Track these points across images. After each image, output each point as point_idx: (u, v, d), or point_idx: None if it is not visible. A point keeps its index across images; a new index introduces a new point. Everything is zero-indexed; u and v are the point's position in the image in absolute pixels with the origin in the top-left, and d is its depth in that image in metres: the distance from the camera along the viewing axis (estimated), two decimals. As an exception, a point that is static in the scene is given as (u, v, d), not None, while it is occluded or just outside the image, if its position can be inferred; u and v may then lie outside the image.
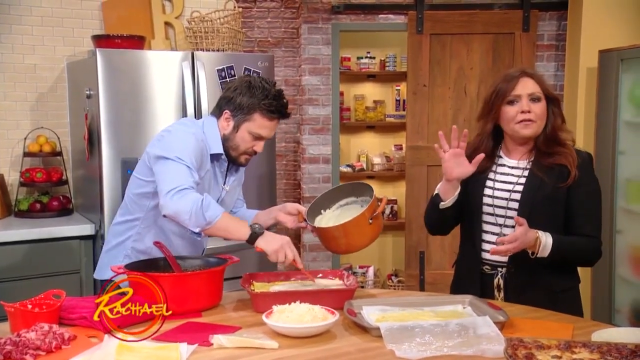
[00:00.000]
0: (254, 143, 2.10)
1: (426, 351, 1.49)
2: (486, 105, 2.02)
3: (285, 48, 4.30)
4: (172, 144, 2.01)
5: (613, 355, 1.30)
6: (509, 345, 1.34)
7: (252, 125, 2.07)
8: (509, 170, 2.03)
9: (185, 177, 1.94)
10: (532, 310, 1.85)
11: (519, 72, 1.98)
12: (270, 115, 2.07)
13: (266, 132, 2.09)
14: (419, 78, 4.14)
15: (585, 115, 3.77)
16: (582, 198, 1.95)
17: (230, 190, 2.23)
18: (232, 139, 2.10)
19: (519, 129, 1.95)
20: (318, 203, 2.15)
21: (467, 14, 4.10)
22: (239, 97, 2.07)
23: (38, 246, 3.00)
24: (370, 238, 2.01)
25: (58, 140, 3.44)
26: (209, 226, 1.92)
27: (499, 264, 2.00)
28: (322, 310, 1.68)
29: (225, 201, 2.22)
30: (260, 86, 2.06)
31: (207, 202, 1.91)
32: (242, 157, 2.13)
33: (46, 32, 3.46)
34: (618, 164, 3.43)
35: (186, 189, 1.91)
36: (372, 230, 1.99)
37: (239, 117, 2.07)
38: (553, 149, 1.97)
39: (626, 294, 3.39)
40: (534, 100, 1.95)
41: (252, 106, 2.05)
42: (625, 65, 3.38)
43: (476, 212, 2.02)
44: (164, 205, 1.92)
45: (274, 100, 2.05)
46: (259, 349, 1.54)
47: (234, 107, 2.08)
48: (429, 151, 4.16)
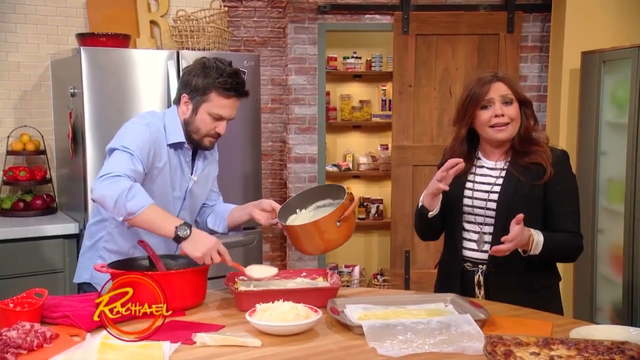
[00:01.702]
0: (215, 124, 2.06)
1: (408, 349, 1.51)
2: (460, 110, 2.04)
3: (271, 47, 4.31)
4: (122, 135, 2.00)
5: (589, 351, 1.32)
6: (488, 342, 1.36)
7: (209, 105, 2.03)
8: (487, 171, 2.06)
9: (124, 164, 1.89)
10: (513, 309, 1.88)
11: (491, 77, 2.00)
12: (227, 94, 2.02)
13: (226, 111, 2.05)
14: (405, 78, 4.16)
15: (568, 116, 3.81)
16: (559, 195, 1.98)
17: (199, 181, 2.19)
18: (192, 122, 2.06)
19: (493, 133, 1.99)
20: (292, 203, 2.13)
21: (452, 15, 4.13)
22: (194, 79, 2.03)
23: (21, 245, 2.98)
24: (338, 239, 1.98)
25: (42, 138, 3.42)
26: (131, 217, 1.85)
27: (479, 262, 2.03)
28: (305, 308, 1.69)
29: (194, 192, 2.19)
30: (215, 66, 2.03)
31: (134, 192, 1.84)
32: (205, 139, 2.09)
33: (30, 29, 3.44)
34: (600, 164, 3.47)
35: (119, 176, 1.85)
36: (340, 232, 1.95)
37: (197, 99, 2.04)
38: (528, 149, 2.00)
39: (607, 293, 3.44)
40: (506, 103, 1.98)
41: (208, 86, 2.02)
42: (607, 67, 3.42)
43: (457, 212, 2.05)
44: (93, 189, 1.88)
45: (228, 78, 2.02)
46: (242, 347, 1.55)
47: (190, 90, 2.05)
48: (414, 151, 4.19)
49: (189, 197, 2.18)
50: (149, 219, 1.86)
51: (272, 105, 4.38)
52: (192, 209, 2.23)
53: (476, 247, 2.04)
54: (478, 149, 2.10)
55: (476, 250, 2.04)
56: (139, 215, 1.85)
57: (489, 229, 2.01)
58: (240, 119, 3.32)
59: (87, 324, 1.63)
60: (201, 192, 2.23)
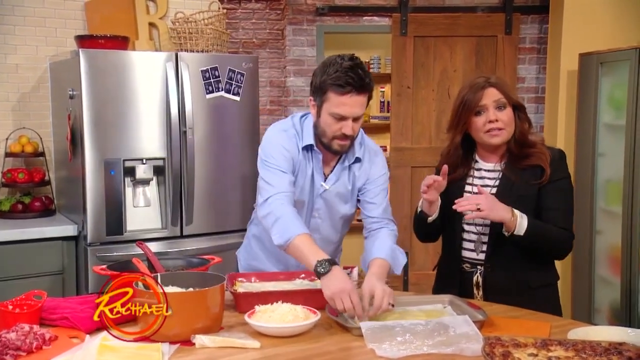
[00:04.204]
0: (340, 125, 1.90)
1: (406, 350, 1.51)
2: (454, 117, 2.05)
3: (270, 49, 4.31)
4: (266, 149, 2.04)
5: (587, 352, 1.32)
6: (486, 343, 1.36)
7: (329, 105, 1.90)
8: (485, 173, 2.08)
9: (276, 183, 1.95)
10: (511, 309, 1.88)
11: (483, 82, 2.01)
12: (341, 90, 1.86)
13: (345, 109, 1.88)
14: (403, 80, 4.17)
15: (566, 118, 3.82)
16: (553, 191, 1.99)
17: (334, 190, 2.06)
18: (319, 125, 1.96)
19: (488, 138, 2.00)
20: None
21: (450, 17, 4.14)
22: (315, 79, 1.94)
23: (20, 247, 2.98)
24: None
25: (40, 140, 3.42)
26: (281, 248, 1.89)
27: (477, 262, 2.04)
28: (304, 310, 1.70)
29: (328, 200, 2.07)
30: (333, 62, 1.89)
31: (281, 225, 1.86)
32: (334, 142, 1.95)
33: (29, 32, 3.44)
34: (597, 165, 3.48)
35: (269, 204, 1.92)
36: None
37: (318, 100, 1.93)
38: (525, 151, 2.01)
39: (605, 294, 3.45)
40: (499, 108, 1.98)
41: (324, 84, 1.89)
42: (605, 69, 3.43)
43: (456, 215, 2.05)
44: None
45: (342, 74, 1.85)
46: (241, 349, 1.55)
47: (313, 91, 1.96)
48: (413, 152, 4.20)
49: (321, 204, 2.08)
50: (295, 252, 1.85)
51: (271, 107, 4.38)
52: (329, 217, 2.11)
53: (474, 248, 2.04)
54: (475, 152, 2.10)
55: (474, 251, 2.05)
56: (287, 247, 1.86)
57: (487, 229, 2.02)
58: (239, 121, 3.34)
59: (86, 325, 1.64)
60: (337, 201, 2.09)
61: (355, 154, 2.05)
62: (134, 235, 3.05)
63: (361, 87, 1.87)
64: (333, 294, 1.70)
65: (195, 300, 1.60)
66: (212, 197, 3.26)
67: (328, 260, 1.76)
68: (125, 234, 3.07)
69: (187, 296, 1.59)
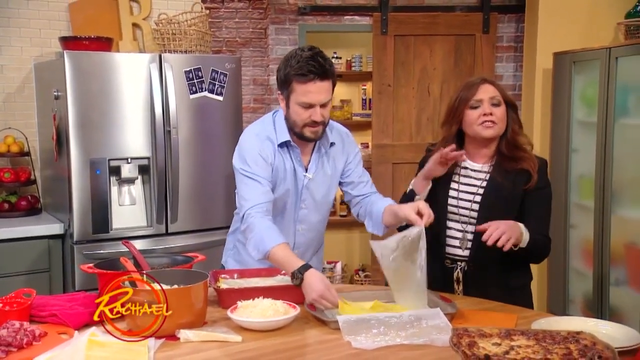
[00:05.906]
0: (309, 112, 1.99)
1: (381, 341, 1.60)
2: (450, 111, 2.14)
3: (253, 48, 4.37)
4: (238, 155, 2.11)
5: (547, 341, 1.41)
6: (454, 334, 1.44)
7: (295, 95, 1.99)
8: (472, 173, 2.14)
9: (251, 194, 2.02)
10: (481, 302, 1.98)
11: (479, 80, 2.10)
12: (304, 79, 1.95)
13: (311, 97, 1.97)
14: (384, 78, 4.25)
15: (541, 115, 3.92)
16: (538, 201, 2.09)
17: (316, 178, 2.15)
18: (290, 117, 2.05)
19: (481, 130, 2.06)
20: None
21: (429, 16, 4.22)
22: (279, 74, 2.03)
23: (7, 246, 3.03)
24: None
25: (26, 140, 3.45)
26: (261, 259, 1.99)
27: (459, 259, 2.12)
28: (284, 305, 1.77)
29: (311, 189, 2.15)
30: (294, 54, 1.99)
31: (256, 240, 1.95)
32: (305, 130, 2.04)
33: (13, 32, 3.46)
34: (571, 161, 3.59)
35: (244, 218, 2.01)
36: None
37: (285, 93, 2.03)
38: (515, 154, 2.09)
39: (579, 285, 3.56)
40: (494, 104, 2.07)
41: (288, 76, 1.99)
42: (577, 67, 3.53)
43: (442, 211, 2.12)
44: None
45: (303, 63, 1.95)
46: (224, 342, 1.63)
47: (279, 85, 2.05)
48: (394, 149, 4.28)
49: (307, 195, 2.16)
50: (274, 263, 1.97)
51: (254, 105, 4.44)
52: (315, 206, 2.20)
53: (458, 244, 2.12)
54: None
55: (458, 247, 2.12)
56: (266, 259, 1.96)
57: (471, 228, 2.09)
58: (222, 120, 3.40)
59: (74, 322, 1.70)
60: (321, 188, 2.18)
61: (329, 139, 2.16)
62: (119, 233, 3.11)
63: (323, 74, 1.97)
64: (313, 300, 1.82)
65: (179, 296, 1.67)
66: (197, 195, 3.32)
67: (299, 269, 1.85)
68: (111, 232, 3.12)
69: (172, 293, 1.65)
